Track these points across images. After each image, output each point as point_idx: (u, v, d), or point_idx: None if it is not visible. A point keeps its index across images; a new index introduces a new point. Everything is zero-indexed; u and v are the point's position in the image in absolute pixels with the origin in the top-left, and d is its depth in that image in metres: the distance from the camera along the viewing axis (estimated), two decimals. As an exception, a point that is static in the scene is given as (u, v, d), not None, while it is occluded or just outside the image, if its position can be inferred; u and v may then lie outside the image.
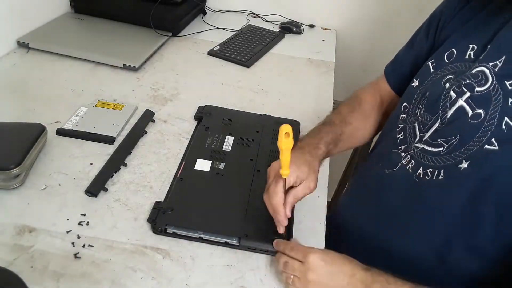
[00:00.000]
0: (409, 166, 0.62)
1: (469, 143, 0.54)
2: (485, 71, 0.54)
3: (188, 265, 0.62)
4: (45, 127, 0.77)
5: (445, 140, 0.57)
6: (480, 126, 0.53)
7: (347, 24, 1.48)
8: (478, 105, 0.54)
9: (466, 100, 0.56)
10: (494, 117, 0.52)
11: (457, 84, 0.58)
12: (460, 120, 0.56)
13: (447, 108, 0.58)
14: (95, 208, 0.68)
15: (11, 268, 0.54)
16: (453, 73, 0.60)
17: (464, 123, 0.55)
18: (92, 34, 1.19)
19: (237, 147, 0.82)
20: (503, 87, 0.52)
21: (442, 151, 0.57)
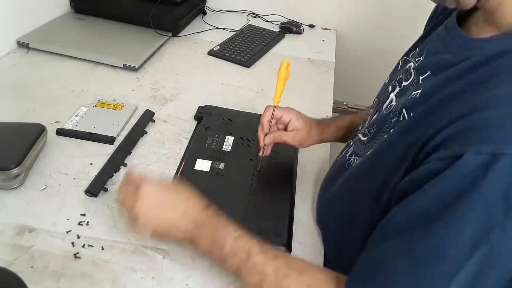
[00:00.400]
0: (348, 154, 0.64)
1: (379, 133, 0.56)
2: (411, 66, 0.56)
3: (188, 265, 0.62)
4: (45, 127, 0.77)
5: (369, 130, 0.59)
6: (388, 117, 0.54)
7: (347, 24, 1.48)
8: (398, 98, 0.55)
9: (395, 94, 0.57)
10: (397, 108, 0.53)
11: (395, 79, 0.59)
12: (382, 112, 0.58)
13: (384, 102, 0.59)
14: (95, 208, 0.68)
15: (11, 268, 0.54)
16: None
17: (382, 115, 0.57)
18: (92, 34, 1.19)
19: (237, 147, 0.82)
20: (417, 81, 0.52)
21: (366, 141, 0.59)
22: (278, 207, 0.70)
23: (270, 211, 0.69)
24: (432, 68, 0.50)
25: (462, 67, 0.45)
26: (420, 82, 0.51)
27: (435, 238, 0.40)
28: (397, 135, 0.50)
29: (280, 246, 0.64)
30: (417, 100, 0.49)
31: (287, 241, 0.65)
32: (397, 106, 0.53)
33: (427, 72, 0.51)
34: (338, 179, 0.63)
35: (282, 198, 0.73)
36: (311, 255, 0.66)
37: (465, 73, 0.44)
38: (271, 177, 0.76)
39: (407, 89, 0.54)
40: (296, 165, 0.81)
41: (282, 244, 0.64)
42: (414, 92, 0.51)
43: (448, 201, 0.40)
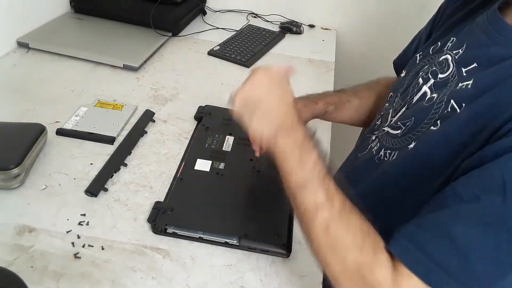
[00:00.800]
0: (374, 149, 0.63)
1: (420, 125, 0.55)
2: (448, 58, 0.56)
3: (188, 265, 0.62)
4: (45, 127, 0.77)
5: (403, 122, 0.58)
6: (431, 108, 0.54)
7: (347, 24, 1.48)
8: (436, 90, 0.56)
9: (429, 87, 0.57)
10: (442, 99, 0.53)
11: (426, 72, 0.60)
12: (419, 104, 0.58)
13: (414, 94, 0.59)
14: (95, 208, 0.68)
15: (11, 268, 0.54)
16: (429, 63, 0.62)
17: (420, 107, 0.57)
18: (92, 34, 1.19)
19: (237, 147, 0.82)
20: (459, 73, 0.53)
21: (399, 134, 0.58)
22: (278, 207, 0.70)
23: (270, 211, 0.69)
24: (479, 61, 0.51)
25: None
26: (465, 74, 0.52)
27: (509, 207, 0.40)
28: (455, 127, 0.50)
29: (280, 246, 0.64)
30: (469, 91, 0.50)
31: (287, 242, 0.65)
32: (442, 98, 0.53)
33: (473, 64, 0.52)
34: (368, 175, 0.61)
35: (282, 198, 0.73)
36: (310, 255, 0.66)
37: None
38: (271, 177, 0.76)
39: (447, 81, 0.54)
40: None
41: (282, 245, 0.64)
42: (461, 84, 0.52)
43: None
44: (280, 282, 0.61)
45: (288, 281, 0.62)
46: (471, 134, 0.47)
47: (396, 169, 0.57)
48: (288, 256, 0.65)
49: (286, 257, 0.65)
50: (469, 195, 0.43)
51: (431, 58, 0.61)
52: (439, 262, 0.42)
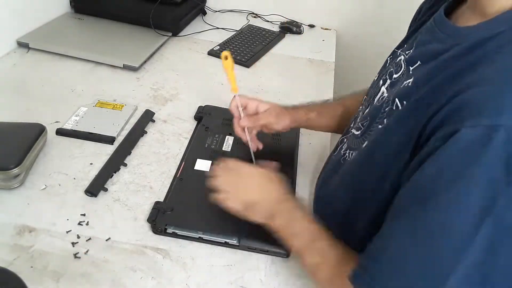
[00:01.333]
0: (342, 150, 0.65)
1: (373, 124, 0.57)
2: (401, 58, 0.57)
3: (188, 265, 0.62)
4: (45, 127, 0.77)
5: (362, 123, 0.61)
6: (381, 108, 0.56)
7: (347, 24, 1.48)
8: (390, 89, 0.57)
9: (386, 87, 0.59)
10: (390, 98, 0.54)
11: (385, 73, 0.61)
12: (374, 104, 0.59)
13: (375, 95, 0.61)
14: (95, 208, 0.68)
15: (11, 268, 0.54)
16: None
17: (374, 107, 0.58)
18: (92, 34, 1.19)
19: (237, 147, 0.82)
20: (408, 72, 0.54)
21: (359, 134, 0.61)
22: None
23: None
24: (422, 58, 0.52)
25: (451, 54, 0.47)
26: (410, 72, 0.53)
27: (439, 213, 0.41)
28: (394, 124, 0.51)
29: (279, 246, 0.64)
30: (410, 88, 0.51)
31: (287, 241, 0.65)
32: (389, 97, 0.54)
33: (417, 62, 0.52)
34: (335, 175, 0.63)
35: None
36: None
37: (454, 59, 0.46)
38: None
39: (398, 80, 0.55)
40: (296, 166, 0.81)
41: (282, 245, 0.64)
42: (405, 82, 0.52)
43: (449, 176, 0.40)
44: (280, 282, 0.61)
45: (288, 281, 0.62)
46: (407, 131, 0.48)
47: (353, 168, 0.59)
48: (288, 256, 0.65)
49: (286, 257, 0.65)
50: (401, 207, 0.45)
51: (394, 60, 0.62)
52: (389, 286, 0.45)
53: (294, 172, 0.79)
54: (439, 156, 0.41)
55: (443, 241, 0.41)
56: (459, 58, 0.45)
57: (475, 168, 0.38)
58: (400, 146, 0.48)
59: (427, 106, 0.45)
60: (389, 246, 0.45)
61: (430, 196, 0.41)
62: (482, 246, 0.39)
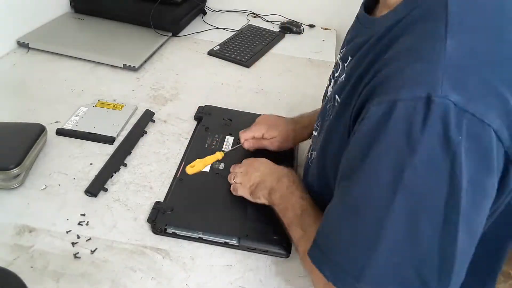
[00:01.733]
0: (310, 152, 0.69)
1: (323, 123, 0.60)
2: (338, 57, 0.62)
3: (188, 265, 0.62)
4: (45, 127, 0.77)
5: (318, 123, 0.65)
6: (326, 106, 0.60)
7: (347, 24, 1.47)
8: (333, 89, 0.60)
9: (331, 87, 0.62)
10: (332, 96, 0.57)
11: (332, 74, 0.64)
12: (323, 104, 0.63)
13: (326, 96, 0.65)
14: (95, 208, 0.68)
15: (11, 268, 0.54)
16: None
17: (323, 107, 0.62)
18: (92, 34, 1.19)
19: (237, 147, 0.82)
20: (343, 69, 0.57)
21: (316, 134, 0.64)
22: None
23: (270, 212, 0.69)
24: (351, 53, 0.55)
25: (369, 43, 0.50)
26: (345, 69, 0.56)
27: (358, 188, 0.44)
28: (335, 119, 0.54)
29: (279, 247, 0.64)
30: (343, 82, 0.54)
31: (287, 242, 0.65)
32: (331, 95, 0.58)
33: (349, 58, 0.56)
34: (306, 178, 0.67)
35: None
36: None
37: (371, 47, 0.49)
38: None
39: (338, 78, 0.59)
40: (297, 167, 0.81)
41: (281, 245, 0.64)
42: (341, 78, 0.56)
43: (363, 152, 0.43)
44: (280, 282, 0.61)
45: (288, 281, 0.62)
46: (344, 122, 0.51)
47: (313, 167, 0.62)
48: (288, 256, 0.65)
49: (285, 257, 0.65)
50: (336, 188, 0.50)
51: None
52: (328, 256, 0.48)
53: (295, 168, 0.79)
54: (356, 136, 0.45)
55: (365, 213, 0.44)
56: (374, 46, 0.49)
57: (381, 142, 0.41)
58: (342, 137, 0.51)
59: (355, 94, 0.49)
60: (327, 220, 0.49)
61: (351, 173, 0.45)
62: (401, 215, 0.41)
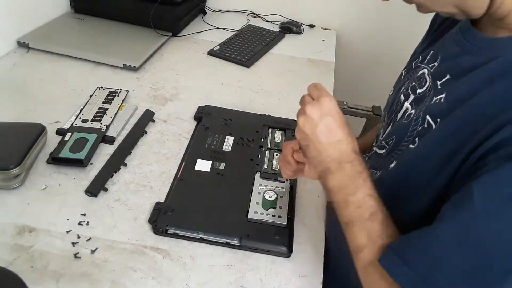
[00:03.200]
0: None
1: (401, 143, 0.55)
2: (425, 72, 0.56)
3: (188, 265, 0.62)
4: (45, 127, 0.77)
5: (387, 141, 0.59)
6: (409, 126, 0.54)
7: (347, 24, 1.48)
8: (415, 105, 0.55)
9: (410, 103, 0.57)
10: (419, 116, 0.53)
11: (406, 87, 0.59)
12: (399, 121, 0.57)
13: (398, 112, 0.59)
14: (95, 208, 0.68)
15: (11, 268, 0.54)
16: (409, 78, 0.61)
17: (400, 124, 0.56)
18: (92, 34, 1.19)
19: (237, 147, 0.82)
20: (435, 87, 0.53)
21: (384, 153, 0.59)
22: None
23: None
24: (452, 72, 0.50)
25: (492, 68, 0.45)
26: (439, 87, 0.51)
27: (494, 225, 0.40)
28: (432, 145, 0.49)
29: (281, 246, 0.64)
30: (443, 105, 0.49)
31: (288, 242, 0.65)
32: (418, 114, 0.53)
33: (446, 76, 0.51)
34: None
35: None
36: (311, 256, 0.66)
37: (499, 75, 0.44)
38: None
39: (424, 95, 0.54)
40: None
41: (283, 244, 0.64)
42: (435, 98, 0.51)
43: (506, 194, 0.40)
44: (280, 282, 0.61)
45: (288, 281, 0.62)
46: (448, 153, 0.47)
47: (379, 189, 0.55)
48: (289, 256, 0.65)
49: (287, 257, 0.65)
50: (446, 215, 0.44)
51: (412, 73, 0.61)
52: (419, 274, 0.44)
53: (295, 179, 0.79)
54: (500, 173, 0.40)
55: (495, 252, 0.40)
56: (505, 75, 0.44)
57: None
58: (441, 166, 0.47)
59: (473, 125, 0.44)
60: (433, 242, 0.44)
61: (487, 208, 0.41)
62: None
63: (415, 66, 0.62)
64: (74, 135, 0.79)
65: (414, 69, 0.61)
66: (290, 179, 0.76)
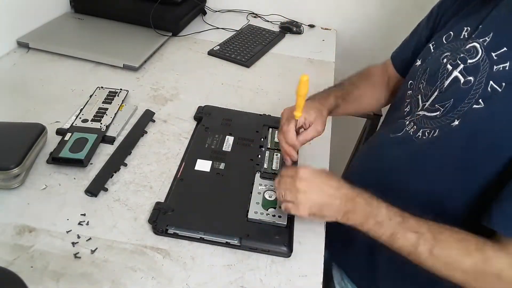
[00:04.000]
0: (411, 130, 0.69)
1: (460, 105, 0.61)
2: (476, 46, 0.63)
3: (188, 265, 0.62)
4: (45, 127, 0.77)
5: (441, 104, 0.65)
6: (470, 90, 0.61)
7: (347, 24, 1.48)
8: (469, 73, 0.62)
9: (460, 71, 0.64)
10: (481, 81, 0.60)
11: (453, 58, 0.66)
12: (454, 87, 0.64)
13: (445, 79, 0.66)
14: (95, 208, 0.68)
15: (11, 268, 0.54)
16: (449, 50, 0.68)
17: (458, 89, 0.63)
18: (92, 34, 1.19)
19: (237, 147, 0.82)
20: (490, 57, 0.60)
21: (439, 115, 0.65)
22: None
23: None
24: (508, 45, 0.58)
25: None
26: (495, 58, 0.59)
27: None
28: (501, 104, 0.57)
29: (281, 246, 0.64)
30: (508, 72, 0.57)
31: (288, 242, 0.65)
32: (480, 80, 0.60)
33: (503, 48, 0.59)
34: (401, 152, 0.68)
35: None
36: (311, 255, 0.66)
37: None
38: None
39: (478, 65, 0.61)
40: (296, 166, 0.81)
41: (283, 244, 0.64)
42: (497, 67, 0.58)
43: None
44: (280, 282, 0.61)
45: (288, 281, 0.62)
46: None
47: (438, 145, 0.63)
48: (289, 256, 0.65)
49: (287, 257, 0.65)
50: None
51: (450, 46, 0.68)
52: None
53: None
54: None
55: None
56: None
57: None
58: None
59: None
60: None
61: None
62: None
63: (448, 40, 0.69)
64: (74, 135, 0.79)
65: (450, 43, 0.68)
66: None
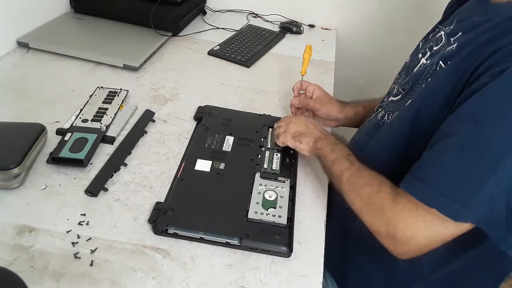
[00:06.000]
0: (379, 115, 0.75)
1: (415, 86, 0.66)
2: (442, 34, 0.68)
3: (188, 265, 0.62)
4: (45, 127, 0.77)
5: (403, 88, 0.70)
6: (424, 71, 0.65)
7: (347, 24, 1.48)
8: (430, 58, 0.67)
9: (426, 58, 0.68)
10: (433, 62, 0.64)
11: (424, 48, 0.71)
12: (414, 71, 0.69)
13: (415, 67, 0.71)
14: (95, 208, 0.68)
15: (11, 268, 0.54)
16: (426, 42, 0.73)
17: (416, 72, 0.68)
18: (92, 34, 1.19)
19: (237, 147, 0.82)
20: (448, 42, 0.64)
21: (400, 98, 0.71)
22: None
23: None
24: (463, 29, 0.63)
25: (489, 24, 0.57)
26: (452, 42, 0.63)
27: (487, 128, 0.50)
28: (441, 79, 0.60)
29: (281, 246, 0.64)
30: (453, 51, 0.61)
31: (288, 241, 0.65)
32: (433, 61, 0.64)
33: (458, 33, 0.63)
34: (373, 135, 0.74)
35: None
36: (311, 255, 0.66)
37: (494, 26, 0.57)
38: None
39: (439, 50, 0.66)
40: (296, 166, 0.81)
41: (283, 244, 0.64)
42: (449, 48, 0.62)
43: (496, 103, 0.50)
44: (280, 282, 0.61)
45: (288, 281, 0.62)
46: (454, 83, 0.57)
47: (396, 125, 0.67)
48: (289, 256, 0.65)
49: (287, 256, 0.65)
50: (450, 129, 0.54)
51: (431, 37, 0.73)
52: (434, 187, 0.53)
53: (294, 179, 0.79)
54: (491, 87, 0.50)
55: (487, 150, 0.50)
56: (499, 25, 0.56)
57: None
58: (447, 96, 0.57)
59: (472, 60, 0.55)
60: (440, 159, 0.53)
61: (481, 118, 0.50)
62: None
63: (432, 36, 0.73)
64: (74, 135, 0.79)
65: (432, 38, 0.72)
66: (290, 179, 0.76)
